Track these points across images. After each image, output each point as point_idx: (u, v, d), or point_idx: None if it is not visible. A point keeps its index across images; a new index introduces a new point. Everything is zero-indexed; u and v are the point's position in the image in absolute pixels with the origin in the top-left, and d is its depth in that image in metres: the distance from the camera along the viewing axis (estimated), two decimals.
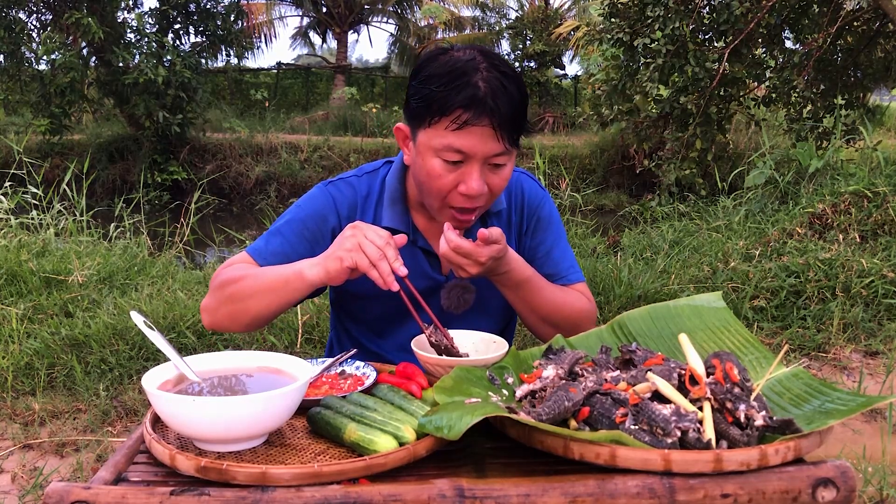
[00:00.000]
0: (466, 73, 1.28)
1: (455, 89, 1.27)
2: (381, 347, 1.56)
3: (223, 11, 12.51)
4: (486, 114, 1.27)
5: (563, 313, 1.47)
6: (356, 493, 0.88)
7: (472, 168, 1.32)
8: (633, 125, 8.08)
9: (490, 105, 1.26)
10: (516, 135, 1.32)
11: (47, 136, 11.45)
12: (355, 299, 1.54)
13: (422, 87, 1.31)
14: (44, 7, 11.74)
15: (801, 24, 7.50)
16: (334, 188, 1.51)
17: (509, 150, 1.32)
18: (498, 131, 1.28)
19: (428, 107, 1.30)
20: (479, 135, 1.28)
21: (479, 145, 1.29)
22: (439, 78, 1.29)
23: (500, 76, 1.29)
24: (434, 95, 1.29)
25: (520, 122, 1.32)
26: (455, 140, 1.29)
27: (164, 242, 5.37)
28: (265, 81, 19.85)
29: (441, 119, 1.29)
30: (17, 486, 2.47)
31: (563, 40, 17.20)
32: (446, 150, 1.30)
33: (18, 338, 3.39)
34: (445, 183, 1.34)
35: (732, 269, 4.23)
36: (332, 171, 12.23)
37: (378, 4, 21.98)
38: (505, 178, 1.37)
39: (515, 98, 1.30)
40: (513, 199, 1.56)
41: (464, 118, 1.27)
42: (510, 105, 1.28)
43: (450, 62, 1.30)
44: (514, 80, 1.31)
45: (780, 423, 0.95)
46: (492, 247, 1.29)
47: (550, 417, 0.97)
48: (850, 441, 2.68)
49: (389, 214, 1.47)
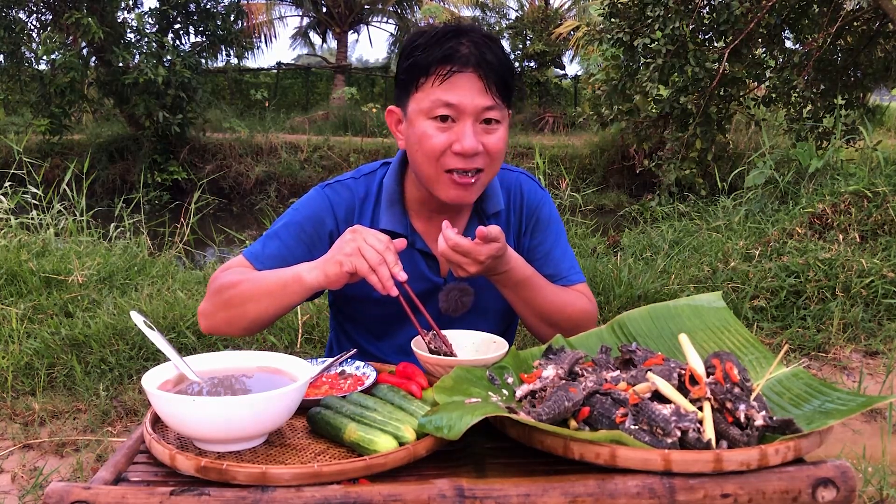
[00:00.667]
0: (450, 37, 1.31)
1: (440, 47, 1.30)
2: (379, 349, 1.56)
3: (223, 11, 12.51)
4: (472, 63, 1.29)
5: (563, 313, 1.46)
6: (356, 493, 0.88)
7: (463, 125, 1.32)
8: (633, 125, 8.07)
9: (475, 55, 1.29)
10: (505, 91, 1.33)
11: (47, 136, 11.45)
12: (353, 302, 1.54)
13: (407, 58, 1.34)
14: (44, 7, 11.74)
15: (801, 24, 7.50)
16: (331, 191, 1.50)
17: (499, 104, 1.32)
18: (485, 81, 1.30)
19: (414, 69, 1.32)
20: (467, 87, 1.30)
21: (468, 97, 1.30)
22: (425, 42, 1.32)
23: (482, 40, 1.32)
24: (420, 57, 1.31)
25: (507, 78, 1.33)
26: (443, 94, 1.30)
27: (164, 242, 5.37)
28: (265, 81, 19.85)
29: (427, 78, 1.31)
30: (17, 486, 2.47)
31: (563, 40, 17.19)
32: (436, 106, 1.31)
33: (18, 338, 3.39)
34: (438, 144, 1.33)
35: (732, 269, 4.23)
36: (332, 171, 12.23)
37: (378, 4, 21.99)
38: (500, 139, 1.36)
39: (500, 55, 1.32)
40: (512, 199, 1.55)
41: (447, 69, 1.29)
42: (495, 58, 1.31)
43: (432, 31, 1.33)
44: (497, 45, 1.33)
45: (780, 423, 0.95)
46: (491, 245, 1.29)
47: (550, 417, 0.97)
48: (850, 441, 2.68)
49: (387, 216, 1.46)
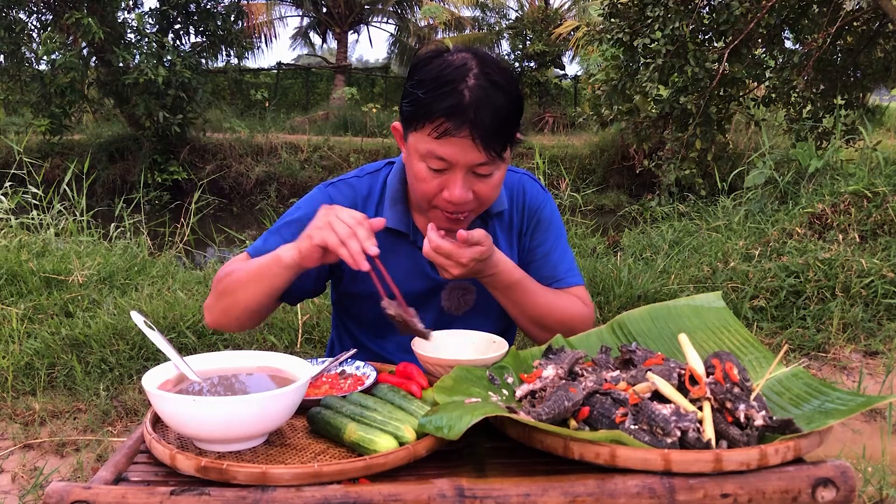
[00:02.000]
0: (453, 81, 1.26)
1: (439, 97, 1.25)
2: (381, 348, 1.56)
3: (223, 11, 12.50)
4: (467, 125, 1.25)
5: (554, 317, 1.46)
6: (356, 493, 0.88)
7: (455, 175, 1.31)
8: (633, 125, 8.08)
9: (470, 116, 1.24)
10: (500, 146, 1.29)
11: (47, 136, 11.45)
12: (356, 300, 1.54)
13: (412, 90, 1.30)
14: (44, 7, 11.74)
15: (800, 24, 7.50)
16: (334, 189, 1.51)
17: (493, 158, 1.29)
18: (478, 143, 1.26)
19: (415, 111, 1.30)
20: (459, 145, 1.27)
21: (460, 154, 1.28)
22: (427, 83, 1.27)
23: (489, 85, 1.26)
24: (420, 101, 1.28)
25: (504, 133, 1.29)
26: (437, 147, 1.28)
27: (165, 242, 5.37)
28: (265, 81, 19.86)
29: (425, 125, 1.28)
30: (17, 486, 2.47)
31: (563, 40, 17.20)
32: (430, 156, 1.30)
33: (18, 338, 3.39)
34: (431, 187, 1.33)
35: (732, 269, 4.23)
36: (332, 171, 12.23)
37: (378, 4, 21.99)
38: (493, 187, 1.35)
39: (501, 109, 1.27)
40: (514, 200, 1.55)
41: (444, 127, 1.26)
42: (493, 116, 1.26)
43: (440, 67, 1.28)
44: (504, 90, 1.28)
45: (780, 423, 0.96)
46: (473, 248, 1.29)
47: (550, 417, 0.97)
48: (850, 441, 2.68)
49: (390, 215, 1.46)
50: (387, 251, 1.46)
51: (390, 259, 1.47)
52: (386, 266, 1.46)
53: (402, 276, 1.47)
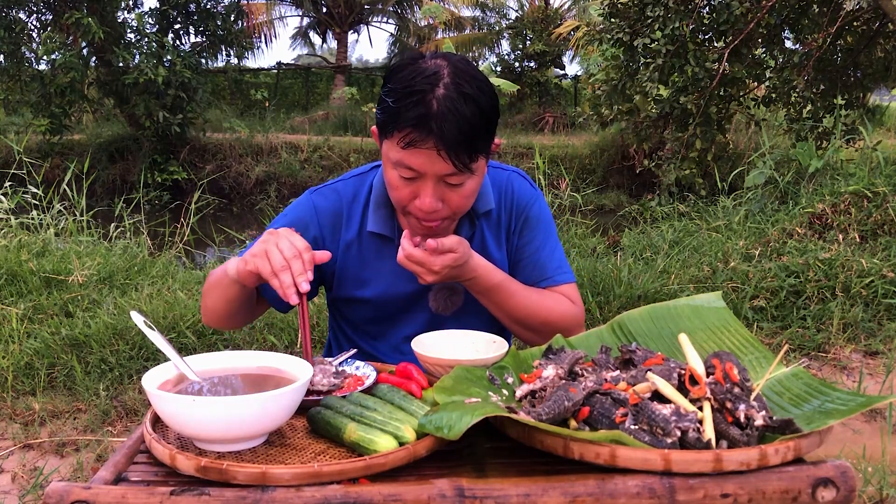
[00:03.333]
0: (422, 91, 1.24)
1: (406, 107, 1.24)
2: (375, 349, 1.57)
3: (223, 11, 12.51)
4: (432, 136, 1.23)
5: (539, 318, 1.45)
6: (356, 493, 0.88)
7: (425, 185, 1.30)
8: (633, 125, 8.08)
9: (434, 128, 1.22)
10: (467, 157, 1.27)
11: (47, 136, 11.45)
12: (348, 302, 1.54)
13: (384, 98, 1.29)
14: (44, 7, 11.74)
15: (801, 24, 7.50)
16: (319, 196, 1.50)
17: (461, 169, 1.27)
18: (443, 154, 1.24)
19: (385, 120, 1.29)
20: (426, 155, 1.26)
21: (428, 165, 1.27)
22: (397, 92, 1.26)
23: (457, 96, 1.24)
24: (390, 109, 1.26)
25: (472, 144, 1.26)
26: (405, 157, 1.27)
27: (164, 242, 5.37)
28: (265, 81, 19.84)
29: (394, 134, 1.27)
30: (17, 486, 2.47)
31: (563, 40, 17.20)
32: (399, 164, 1.29)
33: (18, 338, 3.39)
34: (403, 195, 1.33)
35: (732, 269, 4.23)
36: (332, 171, 12.23)
37: (378, 4, 21.99)
38: (465, 196, 1.34)
39: (468, 120, 1.24)
40: (502, 198, 1.54)
41: (409, 137, 1.24)
42: (458, 127, 1.23)
43: (411, 75, 1.26)
44: (473, 101, 1.25)
45: (780, 423, 0.96)
46: (445, 256, 1.29)
47: (550, 417, 0.97)
48: (850, 441, 2.68)
49: (374, 218, 1.46)
50: (372, 255, 1.48)
51: (376, 263, 1.48)
52: (372, 270, 1.49)
53: (388, 279, 1.48)
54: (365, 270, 1.49)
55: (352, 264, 1.49)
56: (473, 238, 1.50)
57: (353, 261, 1.49)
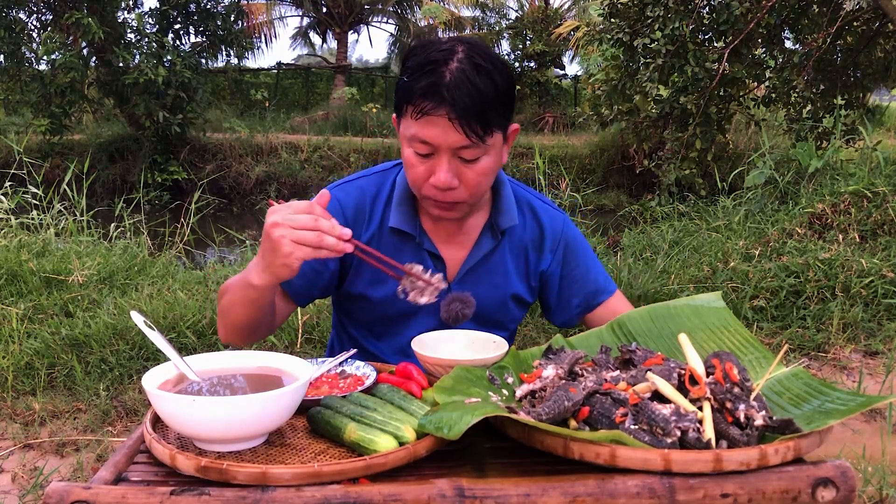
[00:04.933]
0: (436, 62, 1.25)
1: (419, 78, 1.25)
2: (379, 349, 1.56)
3: (223, 11, 12.50)
4: (444, 104, 1.24)
5: None
6: (356, 493, 0.88)
7: (440, 159, 1.30)
8: (633, 125, 8.08)
9: (446, 96, 1.23)
10: (481, 128, 1.27)
11: (47, 136, 11.45)
12: (354, 300, 1.53)
13: (401, 76, 1.31)
14: (44, 7, 11.74)
15: (800, 24, 7.50)
16: (341, 191, 1.49)
17: (476, 142, 1.27)
18: (455, 123, 1.24)
19: (400, 96, 1.30)
20: (440, 125, 1.26)
21: (441, 136, 1.27)
22: (412, 68, 1.28)
23: (471, 67, 1.25)
24: (404, 85, 1.28)
25: (485, 115, 1.26)
26: (419, 129, 1.27)
27: (165, 242, 5.37)
28: (265, 81, 19.85)
29: (408, 107, 1.28)
30: (17, 486, 2.47)
31: (563, 40, 17.20)
32: (414, 139, 1.29)
33: (18, 338, 3.39)
34: (419, 173, 1.33)
35: (732, 269, 4.22)
36: (332, 171, 12.23)
37: (378, 4, 21.98)
38: (480, 173, 1.33)
39: (481, 90, 1.24)
40: (526, 218, 1.54)
41: (422, 107, 1.25)
42: (471, 97, 1.23)
43: (427, 51, 1.28)
44: (487, 73, 1.26)
45: (780, 423, 0.96)
46: None
47: (550, 417, 0.97)
48: (850, 441, 2.68)
49: (397, 215, 1.45)
50: (391, 252, 1.45)
51: (396, 259, 1.45)
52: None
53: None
54: (379, 270, 1.46)
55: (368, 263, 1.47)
56: (496, 251, 1.50)
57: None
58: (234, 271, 4.44)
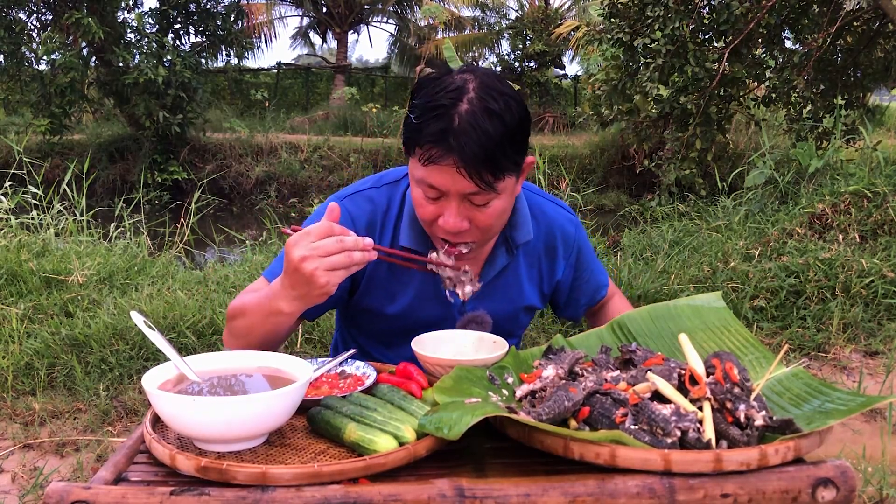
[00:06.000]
0: (445, 106, 1.20)
1: (428, 122, 1.20)
2: (388, 359, 1.54)
3: (223, 11, 12.51)
4: (453, 153, 1.19)
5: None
6: (356, 493, 0.88)
7: (449, 203, 1.26)
8: (633, 125, 8.07)
9: (454, 144, 1.18)
10: (491, 175, 1.21)
11: (47, 136, 11.45)
12: (363, 313, 1.51)
13: (409, 113, 1.26)
14: (44, 7, 11.74)
15: (801, 24, 7.50)
16: (351, 203, 1.44)
17: (485, 189, 1.22)
18: (464, 171, 1.20)
19: (408, 136, 1.26)
20: (447, 173, 1.21)
21: (449, 183, 1.23)
22: (420, 108, 1.23)
23: (481, 112, 1.19)
24: (412, 126, 1.24)
25: (495, 161, 1.20)
26: (427, 174, 1.24)
27: (164, 242, 5.37)
28: (265, 81, 19.86)
29: (416, 150, 1.24)
30: (17, 486, 2.47)
31: (563, 40, 17.20)
32: (422, 183, 1.26)
33: (18, 338, 3.39)
34: (428, 213, 1.30)
35: (732, 269, 4.22)
36: (332, 171, 12.23)
37: (378, 4, 21.99)
38: (492, 216, 1.29)
39: (492, 136, 1.19)
40: (543, 232, 1.51)
41: (429, 154, 1.21)
42: (479, 143, 1.18)
43: (436, 89, 1.23)
44: (498, 117, 1.20)
45: (780, 423, 0.96)
46: None
47: (550, 417, 0.97)
48: (850, 441, 2.67)
49: (408, 234, 1.41)
50: (402, 269, 1.43)
51: (405, 278, 1.44)
52: (400, 284, 1.45)
53: (416, 295, 1.45)
54: (393, 284, 1.45)
55: (381, 276, 1.44)
56: (509, 268, 1.48)
57: (382, 273, 1.44)
58: (234, 271, 4.44)
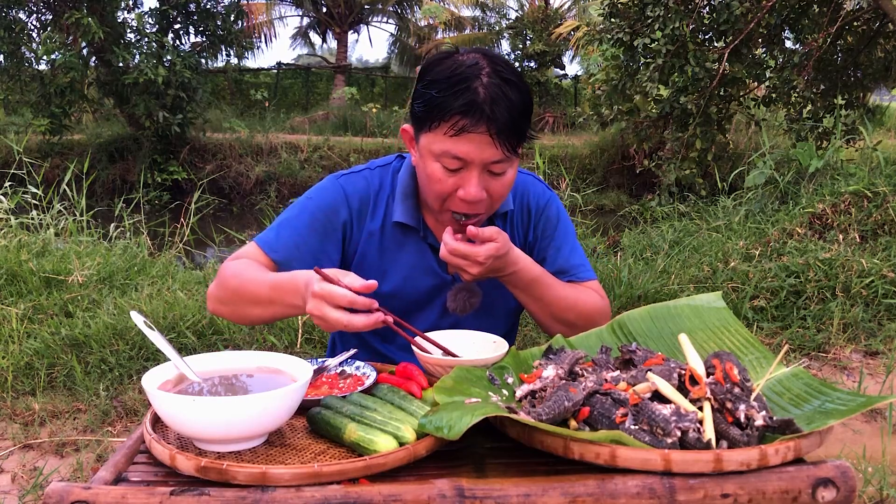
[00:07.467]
0: (467, 79, 1.27)
1: (454, 95, 1.26)
2: (387, 349, 1.57)
3: (223, 11, 12.50)
4: (484, 121, 1.26)
5: (575, 311, 1.47)
6: (356, 493, 0.88)
7: (471, 174, 1.32)
8: (633, 125, 8.08)
9: (487, 112, 1.25)
10: (515, 142, 1.31)
11: (47, 136, 11.45)
12: None
13: (424, 91, 1.30)
14: (44, 7, 11.74)
15: (801, 24, 7.50)
16: (346, 181, 1.50)
17: (508, 157, 1.31)
18: (495, 138, 1.27)
19: (429, 111, 1.30)
20: (476, 141, 1.28)
21: (477, 152, 1.29)
22: (440, 83, 1.28)
23: (502, 82, 1.28)
24: (435, 100, 1.28)
25: (519, 128, 1.31)
26: (453, 146, 1.29)
27: (164, 242, 5.37)
28: (265, 81, 19.84)
29: (440, 124, 1.29)
30: (17, 486, 2.47)
31: (563, 40, 17.20)
32: (445, 155, 1.30)
33: (18, 338, 3.39)
34: (445, 187, 1.34)
35: (732, 269, 4.22)
36: (331, 171, 12.13)
37: (378, 4, 21.99)
38: (506, 185, 1.37)
39: (516, 104, 1.28)
40: (519, 200, 1.56)
41: (461, 124, 1.26)
42: (508, 112, 1.27)
43: (452, 66, 1.29)
44: (516, 87, 1.30)
45: (780, 423, 0.96)
46: (488, 246, 1.30)
47: (550, 417, 0.97)
48: (850, 441, 2.68)
49: (400, 209, 1.47)
50: (394, 246, 1.48)
51: (396, 254, 1.49)
52: (392, 261, 1.49)
53: (407, 272, 1.49)
54: (384, 261, 1.49)
55: (372, 254, 1.49)
56: None
57: (373, 250, 1.49)
58: None
